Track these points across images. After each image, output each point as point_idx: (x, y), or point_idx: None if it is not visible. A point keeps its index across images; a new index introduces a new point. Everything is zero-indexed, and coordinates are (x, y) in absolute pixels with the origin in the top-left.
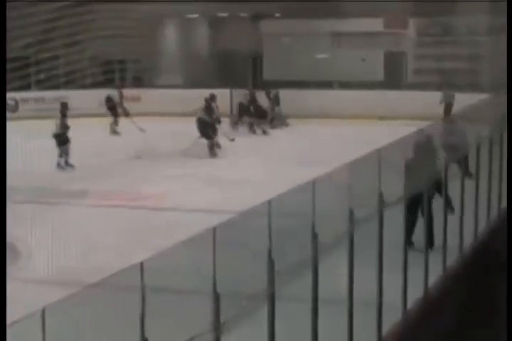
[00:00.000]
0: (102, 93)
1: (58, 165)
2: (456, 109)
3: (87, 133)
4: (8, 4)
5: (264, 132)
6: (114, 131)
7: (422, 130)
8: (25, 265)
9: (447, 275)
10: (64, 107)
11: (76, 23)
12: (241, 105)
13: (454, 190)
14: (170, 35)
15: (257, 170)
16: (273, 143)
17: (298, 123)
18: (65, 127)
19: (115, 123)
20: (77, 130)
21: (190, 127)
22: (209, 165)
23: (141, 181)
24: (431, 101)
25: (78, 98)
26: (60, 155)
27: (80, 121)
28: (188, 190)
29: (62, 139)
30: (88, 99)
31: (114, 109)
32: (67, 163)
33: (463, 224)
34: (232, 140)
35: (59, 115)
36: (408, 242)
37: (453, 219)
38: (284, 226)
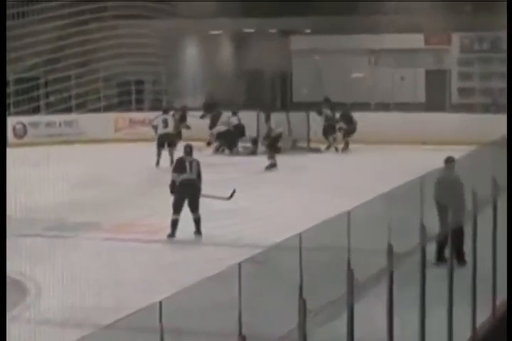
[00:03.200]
0: (118, 116)
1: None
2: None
3: (100, 159)
4: (16, 22)
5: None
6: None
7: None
8: (34, 304)
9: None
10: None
11: (89, 41)
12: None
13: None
14: (191, 54)
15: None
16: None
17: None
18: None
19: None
20: (90, 156)
21: None
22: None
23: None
24: (477, 124)
25: (91, 122)
26: (159, 155)
27: (93, 147)
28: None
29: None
30: (102, 123)
31: None
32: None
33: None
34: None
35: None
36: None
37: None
38: (317, 261)
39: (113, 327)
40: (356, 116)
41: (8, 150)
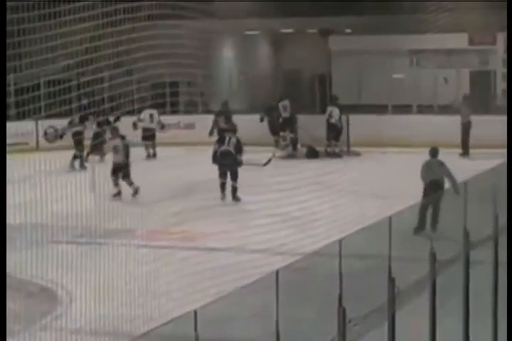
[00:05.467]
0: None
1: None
2: None
3: (133, 163)
4: (47, 23)
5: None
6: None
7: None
8: (65, 313)
9: None
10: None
11: (123, 42)
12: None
13: None
14: (227, 55)
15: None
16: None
17: (371, 152)
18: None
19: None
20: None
21: None
22: None
23: (194, 218)
24: None
25: (124, 125)
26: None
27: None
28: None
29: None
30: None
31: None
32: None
33: None
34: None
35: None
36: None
37: None
38: (356, 269)
39: (147, 337)
40: (398, 119)
41: (39, 154)
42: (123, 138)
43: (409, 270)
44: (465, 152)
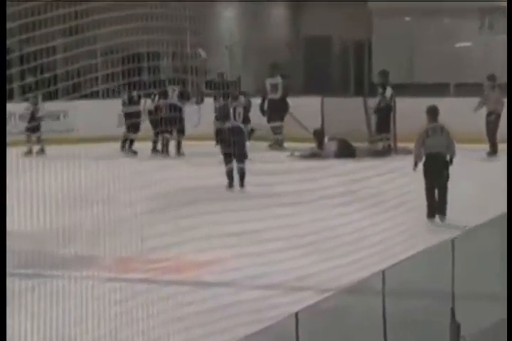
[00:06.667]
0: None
1: None
2: None
3: (98, 166)
4: None
5: None
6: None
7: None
8: None
9: None
10: None
11: None
12: None
13: None
14: (230, 17)
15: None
16: None
17: None
18: None
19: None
20: (84, 162)
21: None
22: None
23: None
24: None
25: (85, 113)
26: None
27: (88, 149)
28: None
29: None
30: (101, 114)
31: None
32: None
33: None
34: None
35: None
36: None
37: None
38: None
39: None
40: (463, 103)
41: None
42: None
43: (480, 311)
44: (493, 150)
